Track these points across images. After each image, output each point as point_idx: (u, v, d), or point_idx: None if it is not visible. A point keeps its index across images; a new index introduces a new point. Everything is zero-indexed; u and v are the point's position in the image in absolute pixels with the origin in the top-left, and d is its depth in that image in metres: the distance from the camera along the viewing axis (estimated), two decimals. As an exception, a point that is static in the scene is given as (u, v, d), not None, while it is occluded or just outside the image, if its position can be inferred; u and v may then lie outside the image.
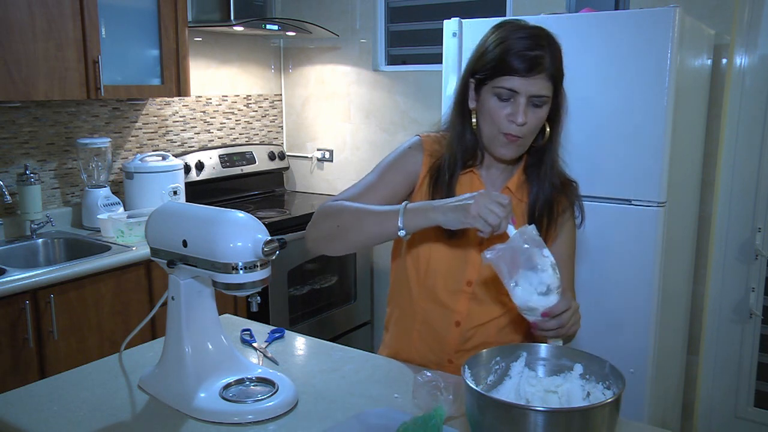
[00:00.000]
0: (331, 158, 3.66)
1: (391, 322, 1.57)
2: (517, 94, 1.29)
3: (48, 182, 2.75)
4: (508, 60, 1.28)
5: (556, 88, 1.33)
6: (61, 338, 2.20)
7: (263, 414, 1.20)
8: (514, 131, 1.31)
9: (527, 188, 1.43)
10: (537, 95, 1.29)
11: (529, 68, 1.27)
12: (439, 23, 2.41)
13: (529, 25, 1.34)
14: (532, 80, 1.28)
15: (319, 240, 1.43)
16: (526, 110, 1.29)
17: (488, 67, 1.31)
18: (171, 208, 1.31)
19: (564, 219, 1.45)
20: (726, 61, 2.56)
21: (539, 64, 1.27)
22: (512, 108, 1.30)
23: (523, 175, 1.44)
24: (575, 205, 1.46)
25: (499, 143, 1.35)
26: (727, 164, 2.61)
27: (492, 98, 1.32)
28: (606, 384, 1.08)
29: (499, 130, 1.32)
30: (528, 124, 1.31)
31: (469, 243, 1.39)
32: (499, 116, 1.31)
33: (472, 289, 1.41)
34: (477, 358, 1.11)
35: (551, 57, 1.29)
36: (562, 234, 1.45)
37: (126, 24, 2.65)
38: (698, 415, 2.78)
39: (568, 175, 1.47)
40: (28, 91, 2.34)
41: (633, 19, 2.05)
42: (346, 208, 1.38)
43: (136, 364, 1.42)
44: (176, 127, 3.25)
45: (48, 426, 1.17)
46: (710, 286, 2.70)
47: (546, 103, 1.32)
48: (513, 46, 1.28)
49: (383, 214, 1.30)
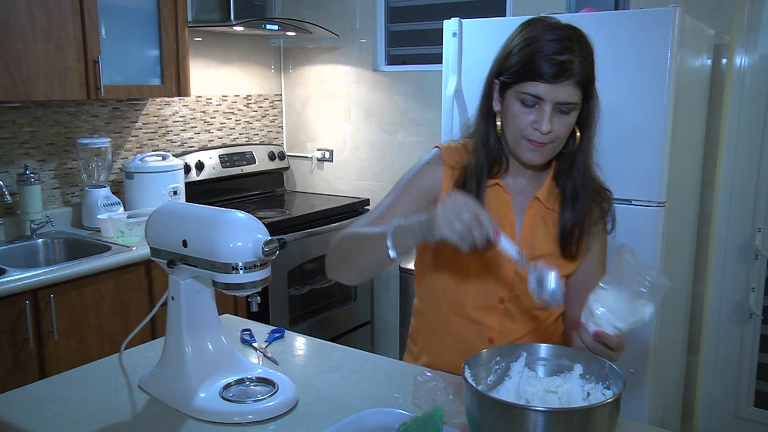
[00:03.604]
0: (331, 158, 3.66)
1: (420, 334, 1.50)
2: (542, 101, 1.21)
3: (48, 182, 2.75)
4: (533, 64, 1.20)
5: (587, 93, 1.25)
6: (61, 338, 2.20)
7: (263, 414, 1.20)
8: (538, 138, 1.24)
9: (559, 197, 1.36)
10: (564, 102, 1.21)
11: (556, 74, 1.19)
12: (439, 23, 2.41)
13: (559, 24, 1.25)
14: (559, 87, 1.20)
15: (334, 271, 1.38)
16: (552, 117, 1.22)
17: (513, 70, 1.24)
18: (171, 208, 1.31)
19: (596, 230, 1.38)
20: (726, 61, 2.56)
21: (567, 70, 1.19)
22: (537, 115, 1.23)
23: (553, 182, 1.36)
24: (608, 215, 1.39)
25: (525, 148, 1.27)
26: (727, 164, 2.61)
27: (516, 103, 1.25)
28: (606, 384, 1.08)
29: (522, 135, 1.26)
30: (554, 131, 1.23)
31: (499, 258, 1.33)
32: (522, 122, 1.24)
33: (505, 306, 1.36)
34: (477, 358, 1.11)
35: (581, 61, 1.21)
36: (594, 246, 1.38)
37: (126, 24, 2.65)
38: (698, 415, 2.78)
39: (601, 183, 1.39)
40: (28, 91, 2.34)
41: (633, 19, 2.05)
42: (348, 237, 1.33)
43: (136, 364, 1.42)
44: (176, 127, 3.25)
45: (48, 426, 1.17)
46: (710, 286, 2.70)
47: (574, 110, 1.24)
48: (540, 49, 1.20)
49: (376, 237, 1.22)
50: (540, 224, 1.36)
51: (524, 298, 1.34)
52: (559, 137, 1.26)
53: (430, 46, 3.30)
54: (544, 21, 1.26)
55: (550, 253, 1.35)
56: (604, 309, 1.11)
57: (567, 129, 1.25)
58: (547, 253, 1.35)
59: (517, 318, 1.37)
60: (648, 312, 1.11)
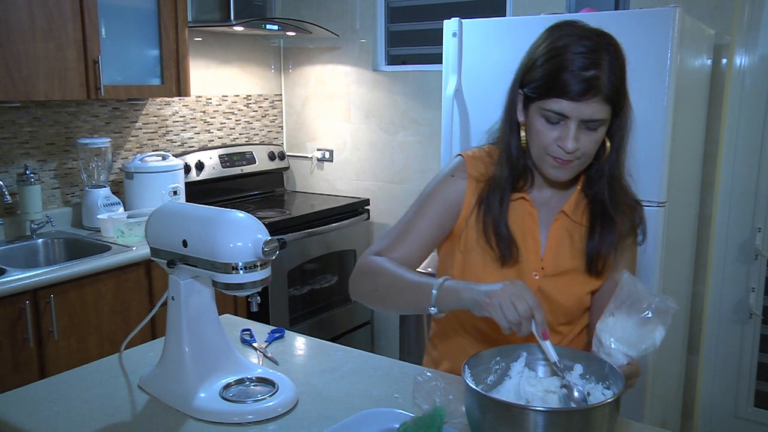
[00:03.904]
0: (331, 158, 3.66)
1: (440, 339, 1.47)
2: (567, 118, 1.15)
3: (48, 182, 2.75)
4: (557, 81, 1.13)
5: (617, 107, 1.18)
6: (61, 338, 2.20)
7: (263, 414, 1.20)
8: (562, 156, 1.18)
9: (587, 209, 1.31)
10: (590, 119, 1.15)
11: (581, 92, 1.12)
12: (439, 23, 2.41)
13: (587, 32, 1.17)
14: (585, 105, 1.13)
15: (361, 298, 1.36)
16: (578, 134, 1.16)
17: (536, 85, 1.17)
18: (171, 208, 1.31)
19: (625, 245, 1.32)
20: (726, 61, 2.56)
21: (593, 87, 1.12)
22: (561, 132, 1.17)
23: (581, 194, 1.31)
24: (639, 228, 1.33)
25: (549, 165, 1.22)
26: (727, 164, 2.61)
27: (540, 119, 1.19)
28: (606, 384, 1.08)
29: (546, 152, 1.20)
30: (580, 148, 1.17)
31: (522, 273, 1.30)
32: (546, 139, 1.18)
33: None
34: (477, 358, 1.11)
35: (610, 76, 1.13)
36: (624, 260, 1.33)
37: (126, 24, 2.65)
38: (698, 415, 2.78)
39: (633, 195, 1.33)
40: (28, 91, 2.34)
41: (633, 19, 2.05)
42: (383, 271, 1.28)
43: (136, 364, 1.42)
44: (176, 127, 3.25)
45: (48, 426, 1.17)
46: (710, 286, 2.70)
47: (602, 125, 1.17)
48: (565, 63, 1.13)
49: (418, 287, 1.19)
50: (565, 238, 1.32)
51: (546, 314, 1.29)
52: (586, 154, 1.20)
53: (430, 46, 3.30)
54: (573, 28, 1.19)
55: (574, 269, 1.32)
56: (614, 338, 1.10)
57: (594, 145, 1.19)
58: (571, 268, 1.31)
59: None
60: (658, 337, 1.09)
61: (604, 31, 1.19)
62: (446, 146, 2.38)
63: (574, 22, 1.21)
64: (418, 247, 1.34)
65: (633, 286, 1.10)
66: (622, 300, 1.11)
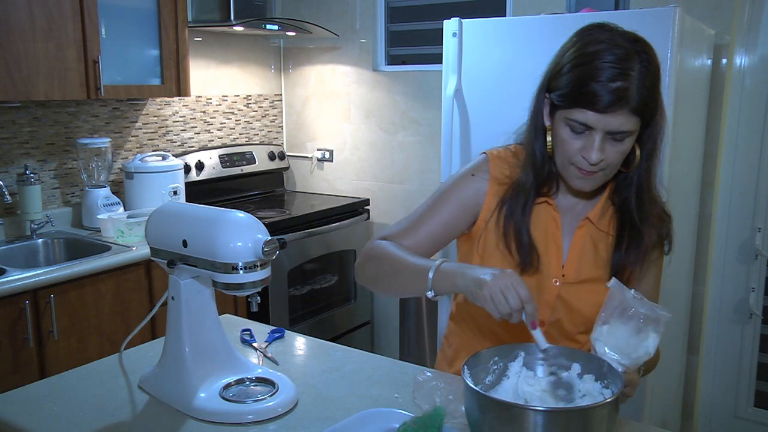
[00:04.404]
0: (331, 158, 3.66)
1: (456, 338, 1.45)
2: (592, 129, 1.11)
3: (48, 182, 2.75)
4: (583, 91, 1.09)
5: (646, 117, 1.13)
6: (61, 338, 2.20)
7: (263, 414, 1.20)
8: (586, 167, 1.14)
9: (614, 219, 1.26)
10: (617, 131, 1.11)
11: (608, 104, 1.07)
12: (439, 23, 2.41)
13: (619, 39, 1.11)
14: (611, 116, 1.09)
15: (366, 283, 1.34)
16: (603, 146, 1.12)
17: (562, 93, 1.13)
18: (171, 208, 1.31)
19: (652, 257, 1.28)
20: (726, 61, 2.56)
21: (621, 99, 1.07)
22: (586, 142, 1.13)
23: (608, 202, 1.26)
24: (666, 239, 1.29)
25: (573, 175, 1.18)
26: (727, 164, 2.61)
27: (565, 128, 1.15)
28: (605, 383, 1.08)
29: (571, 162, 1.17)
30: (605, 159, 1.13)
31: (543, 279, 1.27)
32: (571, 149, 1.15)
33: (545, 329, 1.27)
34: (476, 358, 1.11)
35: (639, 87, 1.08)
36: (649, 274, 1.29)
37: (126, 24, 2.65)
38: (698, 415, 2.78)
39: (663, 206, 1.28)
40: (28, 91, 2.34)
41: (633, 19, 2.05)
42: (386, 256, 1.26)
43: (136, 364, 1.42)
44: (176, 127, 3.25)
45: (48, 426, 1.17)
46: (710, 286, 2.70)
47: (629, 136, 1.13)
48: (591, 73, 1.09)
49: (416, 271, 1.18)
50: (589, 247, 1.28)
51: (565, 322, 1.29)
52: (611, 165, 1.16)
53: (430, 46, 3.30)
54: (602, 32, 1.14)
55: (596, 278, 1.27)
56: (608, 347, 1.09)
57: (620, 156, 1.15)
58: (593, 277, 1.27)
59: (557, 341, 1.29)
60: (652, 345, 1.08)
61: (638, 36, 1.14)
62: (446, 146, 2.38)
63: (605, 24, 1.16)
64: (427, 242, 1.32)
65: (622, 294, 1.09)
66: (614, 308, 1.10)
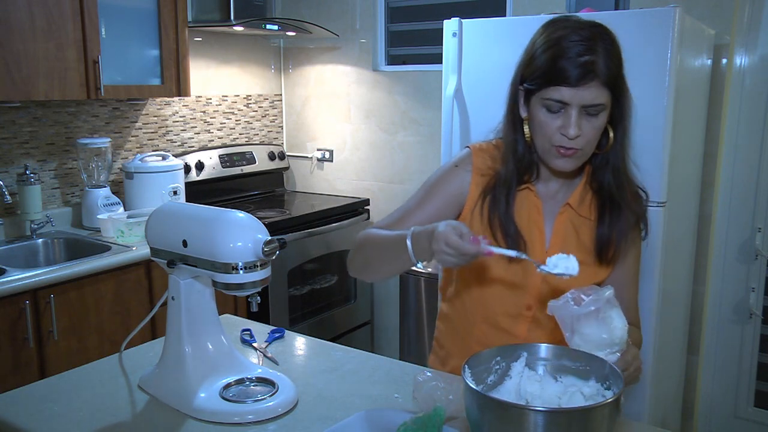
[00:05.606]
0: (331, 158, 3.66)
1: (446, 338, 1.48)
2: (567, 105, 1.18)
3: (48, 182, 2.75)
4: (554, 69, 1.17)
5: (615, 92, 1.21)
6: (61, 338, 2.20)
7: (263, 414, 1.20)
8: (567, 144, 1.20)
9: (593, 203, 1.32)
10: (590, 104, 1.18)
11: (578, 77, 1.16)
12: (439, 23, 2.41)
13: (581, 23, 1.21)
14: (584, 89, 1.16)
15: (358, 272, 1.39)
16: (579, 121, 1.18)
17: (535, 76, 1.21)
18: (171, 208, 1.31)
19: (633, 235, 1.34)
20: (726, 61, 2.56)
21: (590, 72, 1.16)
22: (563, 120, 1.19)
23: (586, 187, 1.33)
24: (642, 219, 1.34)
25: (553, 156, 1.24)
26: (727, 164, 2.61)
27: (541, 110, 1.21)
28: (606, 384, 1.08)
29: (551, 143, 1.22)
30: (583, 135, 1.20)
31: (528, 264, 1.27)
32: (549, 129, 1.21)
33: (533, 313, 1.33)
34: (477, 357, 1.11)
35: (606, 60, 1.17)
36: (630, 253, 1.35)
37: (126, 24, 2.65)
38: (698, 415, 2.78)
39: (637, 184, 1.35)
40: (28, 91, 2.34)
41: (633, 19, 2.05)
42: (370, 240, 1.32)
43: (136, 364, 1.42)
44: (176, 127, 3.25)
45: (48, 426, 1.17)
46: (710, 286, 2.70)
47: (603, 111, 1.20)
48: (560, 52, 1.17)
49: (396, 244, 1.22)
50: (571, 232, 1.33)
51: None
52: (589, 141, 1.22)
53: (430, 46, 3.30)
54: (566, 21, 1.22)
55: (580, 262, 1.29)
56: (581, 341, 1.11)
57: (597, 132, 1.22)
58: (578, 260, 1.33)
59: (545, 326, 1.33)
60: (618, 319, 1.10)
61: (599, 23, 1.23)
62: (446, 146, 2.38)
63: (568, 16, 1.26)
64: None
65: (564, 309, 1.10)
66: (569, 323, 1.11)
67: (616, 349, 1.10)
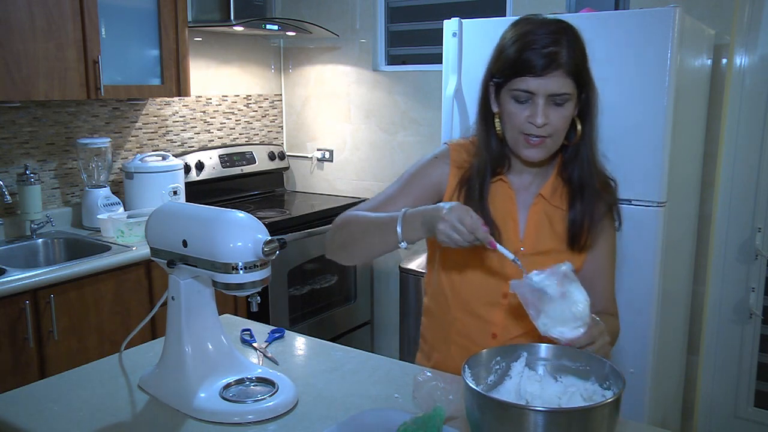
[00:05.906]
0: (331, 158, 3.66)
1: (429, 332, 1.52)
2: (534, 94, 1.24)
3: (48, 182, 2.75)
4: (520, 60, 1.23)
5: (580, 83, 1.26)
6: (61, 338, 2.20)
7: (263, 414, 1.20)
8: (535, 132, 1.25)
9: (564, 193, 1.37)
10: (556, 93, 1.23)
11: (543, 66, 1.21)
12: (439, 23, 2.41)
13: (545, 20, 1.27)
14: (549, 79, 1.22)
15: (335, 252, 1.42)
16: (546, 110, 1.24)
17: (503, 68, 1.26)
18: (171, 208, 1.31)
19: (603, 225, 1.38)
20: (726, 61, 2.56)
21: (554, 61, 1.21)
22: (531, 109, 1.25)
23: (558, 178, 1.38)
24: (614, 208, 1.39)
25: (523, 146, 1.29)
26: (727, 164, 2.61)
27: (510, 101, 1.27)
28: (606, 384, 1.08)
29: (520, 131, 1.27)
30: (550, 123, 1.25)
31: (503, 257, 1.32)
32: (518, 119, 1.26)
33: (509, 301, 1.36)
34: (477, 358, 1.11)
35: (569, 51, 1.22)
36: (601, 242, 1.38)
37: (126, 24, 2.65)
38: (698, 415, 2.78)
39: (607, 174, 1.39)
40: (28, 91, 2.34)
41: (633, 19, 2.05)
42: (354, 220, 1.36)
43: (136, 364, 1.42)
44: (176, 127, 3.25)
45: (48, 426, 1.17)
46: (710, 286, 2.70)
47: (569, 101, 1.25)
48: (525, 45, 1.23)
49: (384, 225, 1.27)
50: (544, 221, 1.38)
51: None
52: (557, 130, 1.27)
53: (430, 46, 3.30)
54: (531, 19, 1.28)
55: (554, 249, 1.37)
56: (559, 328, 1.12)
57: (564, 121, 1.26)
58: (550, 249, 1.37)
59: (521, 314, 1.34)
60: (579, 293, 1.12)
61: (564, 20, 1.28)
62: (446, 146, 2.38)
63: (535, 15, 1.31)
64: None
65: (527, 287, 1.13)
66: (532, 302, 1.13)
67: (580, 324, 1.12)
